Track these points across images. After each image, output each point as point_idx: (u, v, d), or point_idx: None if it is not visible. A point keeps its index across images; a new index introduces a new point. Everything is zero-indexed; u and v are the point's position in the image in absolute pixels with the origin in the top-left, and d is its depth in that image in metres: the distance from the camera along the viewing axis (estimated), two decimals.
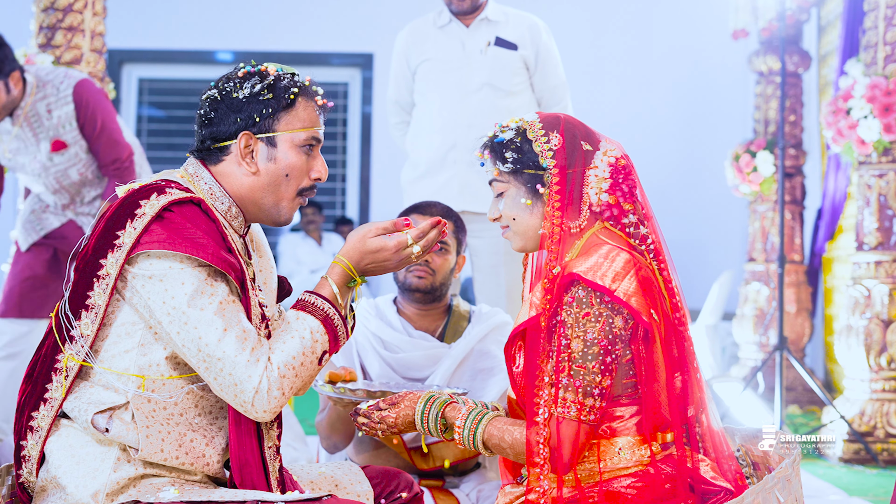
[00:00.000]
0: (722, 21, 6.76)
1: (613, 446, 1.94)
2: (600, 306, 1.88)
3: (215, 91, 1.94)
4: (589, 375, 1.88)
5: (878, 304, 4.47)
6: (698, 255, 8.09)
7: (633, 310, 1.88)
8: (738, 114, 7.96)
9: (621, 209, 2.02)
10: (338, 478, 2.11)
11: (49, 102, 3.78)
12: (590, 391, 1.88)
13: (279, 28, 8.52)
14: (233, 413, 1.84)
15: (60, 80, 3.82)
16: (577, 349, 1.88)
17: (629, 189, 2.02)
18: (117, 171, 3.87)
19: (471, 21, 3.99)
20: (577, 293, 1.90)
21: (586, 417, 1.88)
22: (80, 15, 4.68)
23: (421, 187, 4.00)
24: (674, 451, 1.94)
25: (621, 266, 1.91)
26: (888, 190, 4.52)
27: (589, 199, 2.00)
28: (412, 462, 2.76)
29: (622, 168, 2.02)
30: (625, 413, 1.94)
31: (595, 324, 1.88)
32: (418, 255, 1.93)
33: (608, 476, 1.92)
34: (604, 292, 1.88)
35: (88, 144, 3.86)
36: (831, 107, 4.63)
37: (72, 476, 1.81)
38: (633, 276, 1.90)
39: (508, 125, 2.06)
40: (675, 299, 2.00)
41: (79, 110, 3.79)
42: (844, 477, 4.17)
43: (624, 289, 1.89)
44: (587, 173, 2.01)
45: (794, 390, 5.92)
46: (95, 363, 1.83)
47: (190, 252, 1.77)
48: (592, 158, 2.01)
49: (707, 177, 7.96)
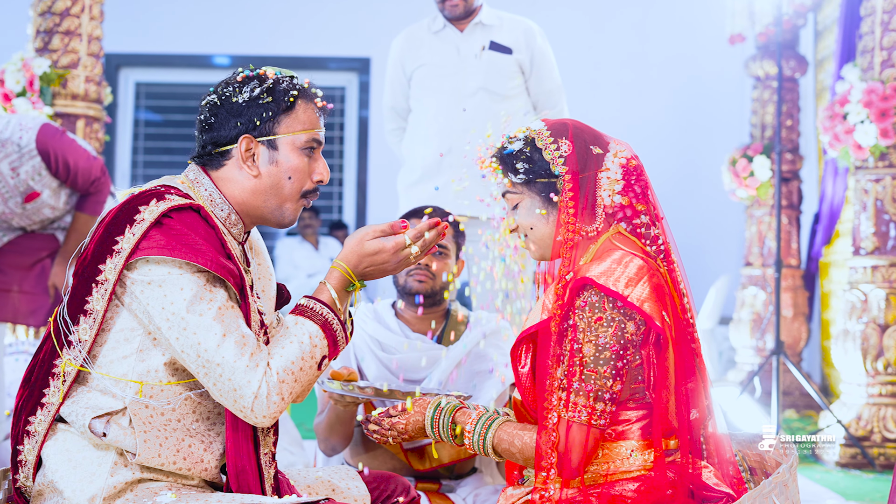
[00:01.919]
0: (719, 26, 6.77)
1: (618, 449, 1.94)
2: (613, 311, 1.88)
3: (215, 96, 1.94)
4: (600, 380, 1.88)
5: (875, 308, 4.47)
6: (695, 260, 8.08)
7: (645, 315, 1.88)
8: (735, 118, 7.97)
9: (634, 210, 2.01)
10: (335, 482, 2.11)
11: (11, 161, 3.57)
12: (601, 395, 1.88)
13: (276, 32, 8.52)
14: (230, 419, 1.84)
15: (17, 134, 3.58)
16: (589, 354, 1.88)
17: (642, 190, 2.02)
18: (96, 188, 3.77)
19: (465, 26, 4.00)
20: (590, 298, 1.90)
21: (597, 422, 1.88)
22: (77, 19, 4.69)
23: (417, 192, 4.01)
24: (677, 458, 1.94)
25: (634, 272, 1.90)
26: (885, 195, 4.53)
27: (602, 201, 2.00)
28: (409, 463, 2.76)
29: (634, 169, 2.02)
30: (631, 417, 1.94)
31: (607, 328, 1.88)
32: (417, 256, 1.93)
33: (612, 479, 1.92)
34: (616, 297, 1.88)
35: (64, 183, 3.71)
36: (828, 111, 4.63)
37: (68, 480, 1.81)
38: (647, 282, 1.90)
39: (516, 135, 2.05)
40: (685, 301, 2.00)
41: (48, 161, 3.60)
42: (841, 481, 4.17)
43: (637, 294, 1.88)
44: (599, 176, 2.00)
45: (791, 395, 5.92)
46: (93, 369, 1.83)
47: (189, 258, 1.76)
48: (603, 161, 2.01)
49: (704, 181, 7.97)
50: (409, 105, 4.12)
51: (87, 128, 4.71)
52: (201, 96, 1.97)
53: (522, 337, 2.01)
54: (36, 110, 4.49)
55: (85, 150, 3.75)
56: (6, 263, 3.84)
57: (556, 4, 8.18)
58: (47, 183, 3.67)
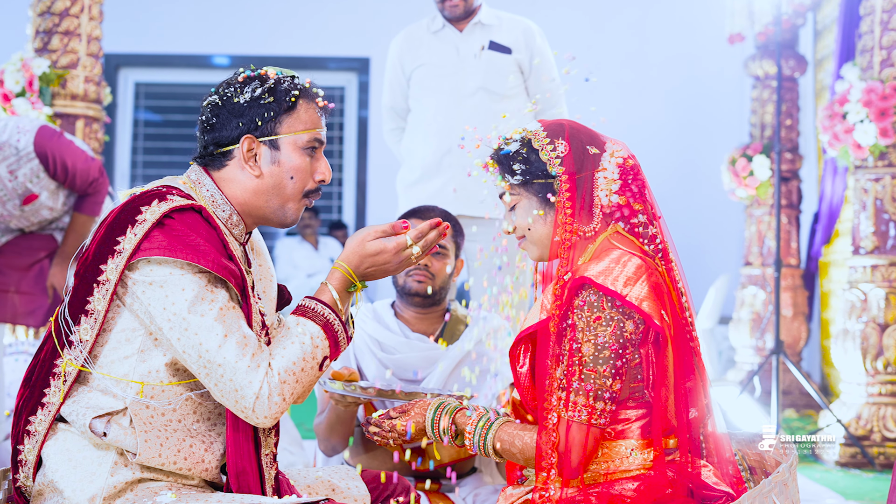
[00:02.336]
0: (718, 26, 6.77)
1: (617, 449, 1.94)
2: (611, 310, 1.88)
3: (216, 97, 1.94)
4: (600, 379, 1.88)
5: (875, 307, 4.47)
6: (695, 259, 8.08)
7: (644, 314, 1.88)
8: (735, 118, 7.97)
9: (632, 209, 2.01)
10: (334, 482, 2.11)
11: (9, 164, 3.57)
12: (601, 395, 1.88)
13: (276, 32, 8.52)
14: (231, 419, 1.84)
15: (15, 137, 3.58)
16: (589, 353, 1.88)
17: (639, 189, 2.02)
18: (94, 189, 3.77)
19: (464, 26, 4.01)
20: (588, 297, 1.90)
21: (597, 421, 1.88)
22: (76, 19, 4.68)
23: (417, 191, 4.01)
24: (677, 457, 1.94)
25: (633, 271, 1.90)
26: (884, 194, 4.53)
27: (600, 201, 2.00)
28: (408, 463, 2.76)
29: (630, 168, 2.02)
30: (630, 416, 1.94)
31: (606, 328, 1.88)
32: (418, 256, 1.93)
33: (611, 478, 1.92)
34: (615, 297, 1.88)
35: (63, 185, 3.71)
36: (827, 111, 4.63)
37: (69, 480, 1.81)
38: (645, 281, 1.90)
39: (512, 136, 2.05)
40: (683, 300, 2.00)
41: (46, 163, 3.60)
42: (841, 481, 4.17)
43: (636, 293, 1.88)
44: (596, 176, 2.00)
45: (791, 394, 5.92)
46: (94, 369, 1.83)
47: (190, 259, 1.77)
48: (600, 161, 2.01)
49: (703, 181, 7.97)
50: (408, 105, 4.12)
51: (87, 128, 4.71)
52: (202, 97, 1.97)
53: (521, 337, 2.01)
54: (35, 111, 4.49)
55: (83, 152, 3.75)
56: (4, 264, 3.83)
57: (555, 4, 8.18)
58: (45, 185, 3.67)
